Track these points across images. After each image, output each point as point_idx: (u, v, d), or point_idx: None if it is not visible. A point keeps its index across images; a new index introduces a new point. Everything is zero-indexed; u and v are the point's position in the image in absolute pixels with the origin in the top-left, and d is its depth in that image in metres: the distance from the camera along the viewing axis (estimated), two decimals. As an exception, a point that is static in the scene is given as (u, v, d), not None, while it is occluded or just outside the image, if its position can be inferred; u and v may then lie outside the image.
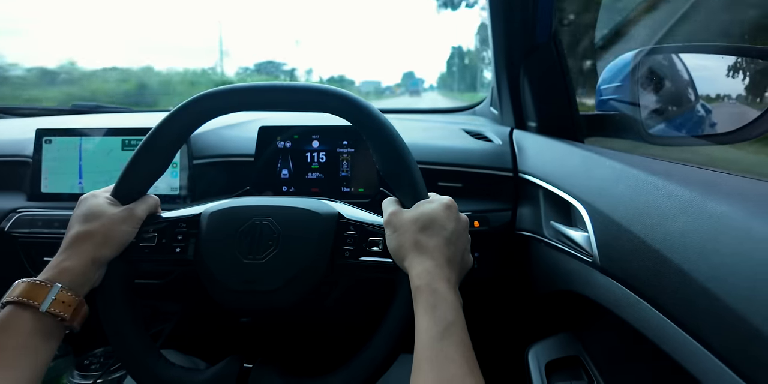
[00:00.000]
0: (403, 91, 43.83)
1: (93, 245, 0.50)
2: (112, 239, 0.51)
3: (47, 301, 0.45)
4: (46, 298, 0.45)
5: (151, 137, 0.54)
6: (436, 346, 0.40)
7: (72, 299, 0.46)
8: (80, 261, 0.48)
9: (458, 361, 0.39)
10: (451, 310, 0.42)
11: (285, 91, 0.53)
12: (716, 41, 0.73)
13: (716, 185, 0.44)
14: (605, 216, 0.52)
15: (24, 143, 0.93)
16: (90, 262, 0.49)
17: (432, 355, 0.39)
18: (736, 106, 0.69)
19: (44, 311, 0.44)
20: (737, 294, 0.33)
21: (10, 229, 0.84)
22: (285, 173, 0.85)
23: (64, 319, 0.45)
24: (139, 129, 0.88)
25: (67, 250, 0.49)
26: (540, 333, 0.74)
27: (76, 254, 0.49)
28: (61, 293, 0.46)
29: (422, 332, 0.41)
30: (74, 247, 0.49)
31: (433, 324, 0.41)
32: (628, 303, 0.46)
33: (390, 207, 0.51)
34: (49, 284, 0.46)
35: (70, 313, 0.46)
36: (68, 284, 0.47)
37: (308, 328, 1.03)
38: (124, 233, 0.52)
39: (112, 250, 0.51)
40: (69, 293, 0.46)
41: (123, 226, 0.52)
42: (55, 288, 0.46)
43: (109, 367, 0.86)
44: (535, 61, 0.85)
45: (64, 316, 0.45)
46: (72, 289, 0.47)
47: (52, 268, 0.48)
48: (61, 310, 0.45)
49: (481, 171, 0.82)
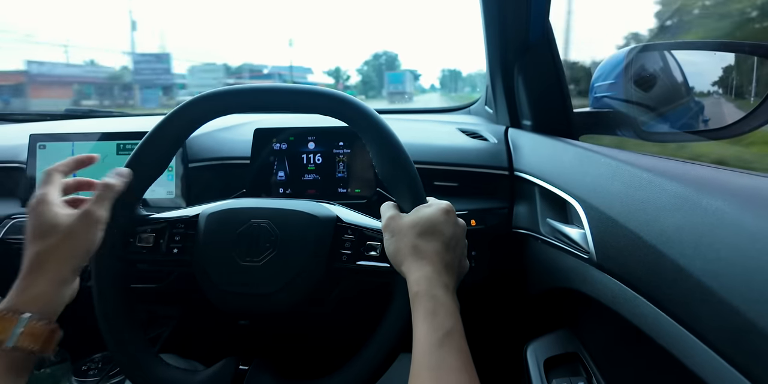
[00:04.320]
0: (373, 94, 34.93)
1: (56, 263, 0.45)
2: (75, 251, 0.46)
3: (14, 336, 0.40)
4: (13, 333, 0.40)
5: (149, 139, 0.54)
6: (436, 353, 0.40)
7: (42, 328, 0.42)
8: (47, 284, 0.44)
9: (458, 368, 0.39)
10: (449, 317, 0.42)
11: (283, 94, 0.53)
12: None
13: (711, 180, 0.45)
14: (601, 213, 0.52)
15: (18, 149, 0.92)
16: (57, 284, 0.44)
17: (431, 362, 0.39)
18: (728, 101, 0.70)
19: (12, 346, 0.40)
20: (732, 288, 0.33)
21: (4, 235, 0.83)
22: (281, 175, 0.85)
23: (34, 352, 0.41)
24: (133, 133, 0.88)
25: (30, 274, 0.44)
26: (538, 330, 0.74)
27: (41, 277, 0.44)
28: (31, 324, 0.41)
29: (421, 339, 0.41)
30: (37, 270, 0.44)
31: (432, 331, 0.41)
32: (625, 299, 0.46)
33: (388, 211, 0.51)
34: (15, 315, 0.41)
35: (40, 345, 0.41)
36: (40, 312, 0.42)
37: (306, 331, 1.03)
38: (87, 242, 0.47)
39: (80, 261, 0.47)
40: (40, 323, 0.42)
41: (85, 235, 0.47)
42: (22, 320, 0.41)
43: (107, 372, 0.86)
44: (529, 59, 0.85)
45: (33, 350, 0.41)
46: (44, 315, 0.42)
47: (17, 295, 0.43)
48: (31, 344, 0.41)
49: (477, 170, 0.82)
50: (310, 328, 1.03)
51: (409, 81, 32.02)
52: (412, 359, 0.41)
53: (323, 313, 0.74)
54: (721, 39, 0.72)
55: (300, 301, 0.51)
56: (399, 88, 30.08)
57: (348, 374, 0.48)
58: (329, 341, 1.00)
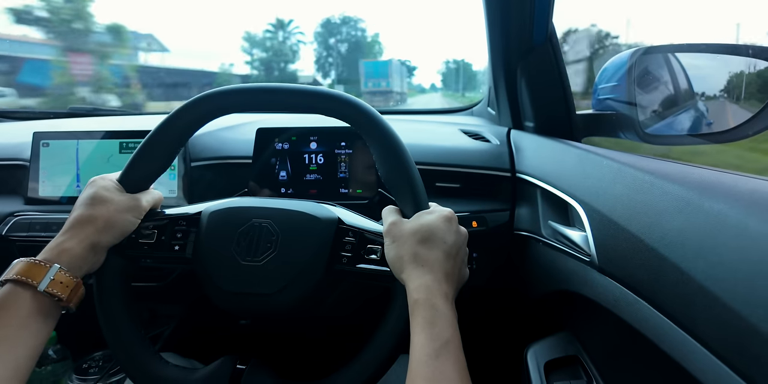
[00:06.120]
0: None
1: (94, 229, 0.50)
2: (114, 226, 0.51)
3: (45, 281, 0.45)
4: (45, 278, 0.45)
5: (151, 138, 0.54)
6: (433, 363, 0.40)
7: (70, 280, 0.46)
8: (80, 243, 0.49)
9: (454, 379, 0.39)
10: (448, 327, 0.42)
11: (286, 94, 0.53)
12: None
13: (713, 183, 0.44)
14: (603, 215, 0.52)
15: (21, 147, 0.93)
16: (90, 246, 0.49)
17: (429, 373, 0.39)
18: (732, 104, 0.70)
19: (42, 291, 0.45)
20: (735, 292, 0.33)
21: (7, 233, 0.84)
22: (283, 175, 0.85)
23: (62, 300, 0.46)
24: (136, 132, 0.88)
25: (68, 232, 0.49)
26: (538, 333, 0.74)
27: (77, 236, 0.49)
28: (59, 274, 0.46)
29: (418, 349, 0.41)
30: (76, 230, 0.49)
31: (430, 341, 0.41)
32: (626, 302, 0.46)
33: (390, 216, 0.51)
34: (47, 264, 0.46)
35: (67, 294, 0.46)
36: (67, 265, 0.47)
37: (305, 331, 1.03)
38: (126, 222, 0.52)
39: (113, 237, 0.51)
40: (67, 274, 0.46)
41: (127, 215, 0.52)
42: (54, 268, 0.46)
43: (107, 370, 0.86)
44: (532, 61, 0.85)
45: (61, 297, 0.45)
46: (70, 270, 0.47)
47: (52, 248, 0.48)
48: (59, 291, 0.45)
49: (479, 171, 0.82)
50: (310, 329, 1.03)
51: (397, 74, 21.81)
52: (408, 369, 0.41)
53: (322, 314, 0.74)
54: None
55: (300, 301, 0.51)
56: (382, 84, 20.71)
57: (346, 376, 0.48)
58: (328, 342, 1.00)
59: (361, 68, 22.41)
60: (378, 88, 20.70)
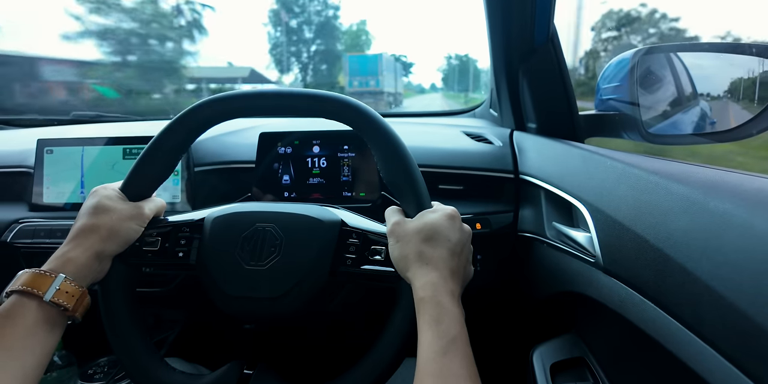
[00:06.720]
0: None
1: (98, 238, 0.50)
2: (117, 235, 0.51)
3: (51, 291, 0.45)
4: (50, 288, 0.45)
5: (155, 144, 0.54)
6: (441, 360, 0.40)
7: (75, 290, 0.47)
8: (85, 253, 0.49)
9: (463, 376, 0.39)
10: (455, 324, 0.42)
11: (288, 97, 0.53)
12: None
13: (718, 183, 0.44)
14: (607, 216, 0.52)
15: (25, 154, 0.93)
16: (94, 255, 0.49)
17: (436, 370, 0.39)
18: (735, 103, 0.69)
19: (48, 301, 0.45)
20: (741, 291, 0.33)
21: (12, 239, 0.84)
22: (286, 179, 0.85)
23: (67, 309, 0.46)
24: (140, 138, 0.89)
25: (72, 241, 0.50)
26: (544, 334, 0.74)
27: (81, 246, 0.49)
28: (65, 284, 0.46)
29: (425, 346, 0.41)
30: (80, 239, 0.50)
31: (437, 338, 0.41)
32: (632, 303, 0.46)
33: (393, 216, 0.51)
34: (53, 274, 0.46)
35: (73, 304, 0.46)
36: (72, 275, 0.47)
37: (310, 335, 1.03)
38: (130, 230, 0.52)
39: (117, 246, 0.52)
40: (72, 284, 0.47)
41: (130, 223, 0.52)
42: (59, 278, 0.46)
43: (113, 376, 0.86)
44: (533, 62, 0.85)
45: (67, 306, 0.46)
46: (76, 279, 0.47)
47: (57, 258, 0.48)
48: (65, 300, 0.46)
49: (482, 173, 0.82)
50: (315, 332, 1.02)
51: (389, 71, 18.37)
52: (416, 366, 0.41)
53: (328, 317, 0.74)
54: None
55: (304, 305, 0.51)
56: (370, 83, 17.31)
57: (352, 379, 0.48)
58: (334, 345, 1.00)
59: (345, 64, 18.73)
60: (366, 88, 17.52)
